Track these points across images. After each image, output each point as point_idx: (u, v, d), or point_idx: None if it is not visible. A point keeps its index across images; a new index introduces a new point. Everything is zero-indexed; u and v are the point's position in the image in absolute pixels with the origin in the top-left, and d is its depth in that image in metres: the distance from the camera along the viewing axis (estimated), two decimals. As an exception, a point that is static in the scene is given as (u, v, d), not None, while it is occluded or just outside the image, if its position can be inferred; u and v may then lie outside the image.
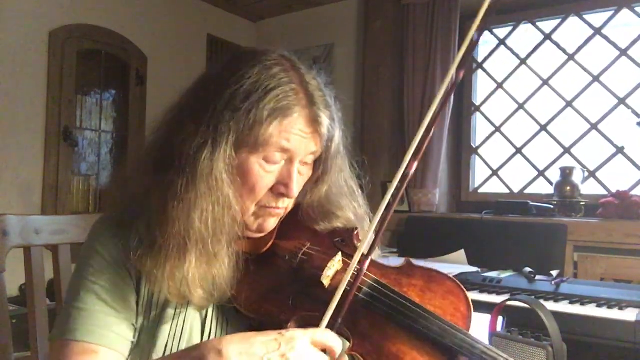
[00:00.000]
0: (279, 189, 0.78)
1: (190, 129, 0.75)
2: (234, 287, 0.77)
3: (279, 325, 0.72)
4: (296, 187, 0.79)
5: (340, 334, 0.70)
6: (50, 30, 2.96)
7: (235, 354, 0.62)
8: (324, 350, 0.64)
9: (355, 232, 0.84)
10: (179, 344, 0.77)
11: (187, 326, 0.79)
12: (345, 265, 0.76)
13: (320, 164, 0.84)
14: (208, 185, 0.73)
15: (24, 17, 2.85)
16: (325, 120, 0.79)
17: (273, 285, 0.79)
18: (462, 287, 0.75)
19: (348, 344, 0.70)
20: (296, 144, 0.76)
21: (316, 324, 0.67)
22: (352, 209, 0.88)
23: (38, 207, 2.93)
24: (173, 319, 0.78)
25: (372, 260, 0.75)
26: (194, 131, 0.74)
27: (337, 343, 0.64)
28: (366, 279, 0.74)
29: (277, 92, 0.74)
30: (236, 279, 0.78)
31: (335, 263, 0.76)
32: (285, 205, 0.81)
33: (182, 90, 0.83)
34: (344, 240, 0.83)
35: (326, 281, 0.74)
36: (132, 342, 0.78)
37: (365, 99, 3.42)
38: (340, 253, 0.79)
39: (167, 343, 0.77)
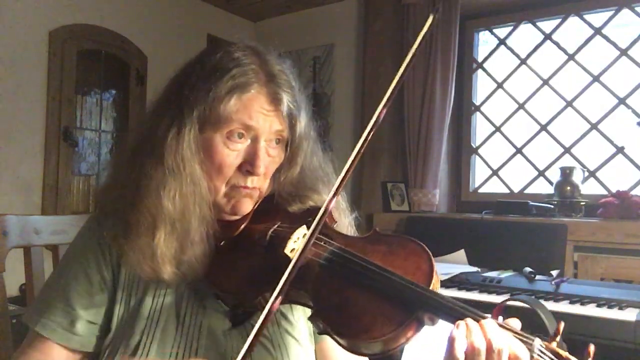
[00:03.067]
0: (245, 167, 0.80)
1: (160, 115, 0.81)
2: (206, 267, 0.80)
3: (254, 304, 0.76)
4: (262, 164, 0.80)
5: (302, 297, 0.72)
6: (50, 30, 2.96)
7: None
8: None
9: (331, 215, 0.84)
10: (155, 327, 0.79)
11: (164, 311, 0.81)
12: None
13: (289, 146, 0.87)
14: (175, 164, 0.77)
15: (24, 17, 2.85)
16: (285, 97, 0.81)
17: (248, 266, 0.81)
18: (426, 248, 0.75)
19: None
20: (260, 122, 0.79)
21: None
22: (327, 192, 0.88)
23: (38, 207, 2.93)
24: (152, 303, 0.81)
25: (339, 232, 0.80)
26: (163, 116, 0.80)
27: None
28: (328, 247, 0.76)
29: (235, 72, 0.78)
30: (209, 259, 0.80)
31: (300, 236, 0.77)
32: (255, 185, 0.82)
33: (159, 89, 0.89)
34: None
35: (290, 253, 0.75)
36: (96, 335, 0.82)
37: (365, 99, 3.42)
38: (304, 226, 0.79)
39: (143, 328, 0.79)
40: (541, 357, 0.63)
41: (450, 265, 2.25)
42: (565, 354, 0.64)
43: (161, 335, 0.78)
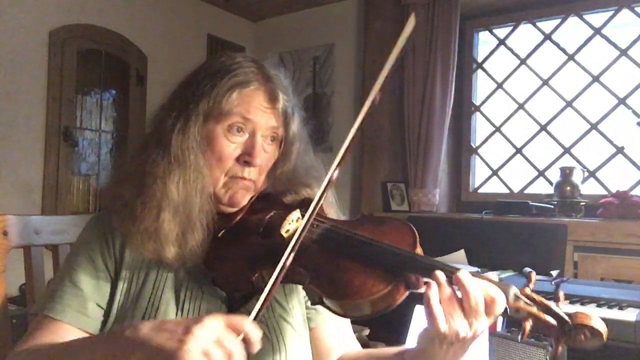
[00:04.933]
0: (243, 158, 0.87)
1: (168, 110, 0.88)
2: (204, 252, 0.85)
3: (251, 284, 0.80)
4: (259, 156, 0.87)
5: (298, 272, 0.76)
6: (50, 30, 2.96)
7: (147, 328, 0.66)
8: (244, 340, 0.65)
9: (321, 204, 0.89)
10: (155, 312, 0.83)
11: (164, 297, 0.85)
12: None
13: (283, 145, 0.95)
14: (181, 152, 0.84)
15: (24, 17, 2.85)
16: (281, 97, 0.90)
17: (245, 251, 0.86)
18: (411, 225, 0.81)
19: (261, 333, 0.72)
20: (257, 116, 0.87)
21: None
22: (319, 187, 0.93)
23: (38, 207, 2.93)
24: (152, 289, 0.85)
25: (329, 217, 0.88)
26: (170, 111, 0.88)
27: (253, 331, 0.65)
28: (321, 225, 0.83)
29: (238, 72, 0.88)
30: (208, 247, 0.86)
31: (294, 218, 0.84)
32: (252, 176, 0.89)
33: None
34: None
35: (285, 233, 0.82)
36: (101, 320, 0.85)
37: (365, 99, 3.41)
38: (298, 210, 0.86)
39: (144, 313, 0.84)
40: (518, 301, 0.70)
41: (450, 265, 2.25)
42: (539, 297, 0.71)
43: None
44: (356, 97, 3.54)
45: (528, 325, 0.69)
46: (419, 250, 0.77)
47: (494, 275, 2.11)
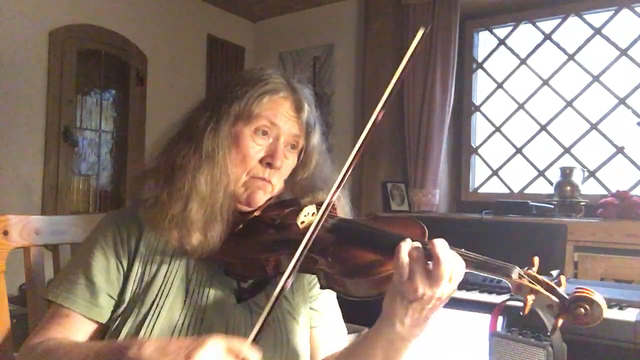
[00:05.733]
0: (266, 160, 0.93)
1: (201, 112, 0.95)
2: (221, 244, 0.90)
3: (262, 268, 0.86)
4: (280, 158, 0.94)
5: (311, 259, 0.80)
6: (50, 30, 2.96)
7: (150, 350, 0.69)
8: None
9: (333, 206, 0.95)
10: (165, 298, 0.87)
11: (175, 284, 0.89)
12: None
13: (303, 154, 1.01)
14: (212, 151, 0.90)
15: (24, 17, 2.85)
16: (306, 108, 0.97)
17: (260, 242, 0.92)
18: (422, 223, 0.87)
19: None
20: (282, 122, 0.94)
21: (290, 259, 0.75)
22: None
23: (38, 207, 2.93)
24: (164, 277, 0.90)
25: (343, 217, 0.94)
26: (203, 112, 0.95)
27: (252, 355, 0.68)
28: (333, 217, 0.90)
29: (269, 81, 0.96)
30: (225, 238, 0.91)
31: (310, 212, 0.92)
32: (271, 178, 0.94)
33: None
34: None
35: (300, 224, 0.89)
36: (112, 309, 0.89)
37: (365, 99, 3.42)
38: (314, 205, 0.93)
39: (154, 299, 0.87)
40: (521, 278, 0.78)
41: (450, 265, 2.25)
42: (540, 277, 0.77)
43: (170, 306, 0.87)
44: (356, 97, 3.54)
45: (530, 299, 0.74)
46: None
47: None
